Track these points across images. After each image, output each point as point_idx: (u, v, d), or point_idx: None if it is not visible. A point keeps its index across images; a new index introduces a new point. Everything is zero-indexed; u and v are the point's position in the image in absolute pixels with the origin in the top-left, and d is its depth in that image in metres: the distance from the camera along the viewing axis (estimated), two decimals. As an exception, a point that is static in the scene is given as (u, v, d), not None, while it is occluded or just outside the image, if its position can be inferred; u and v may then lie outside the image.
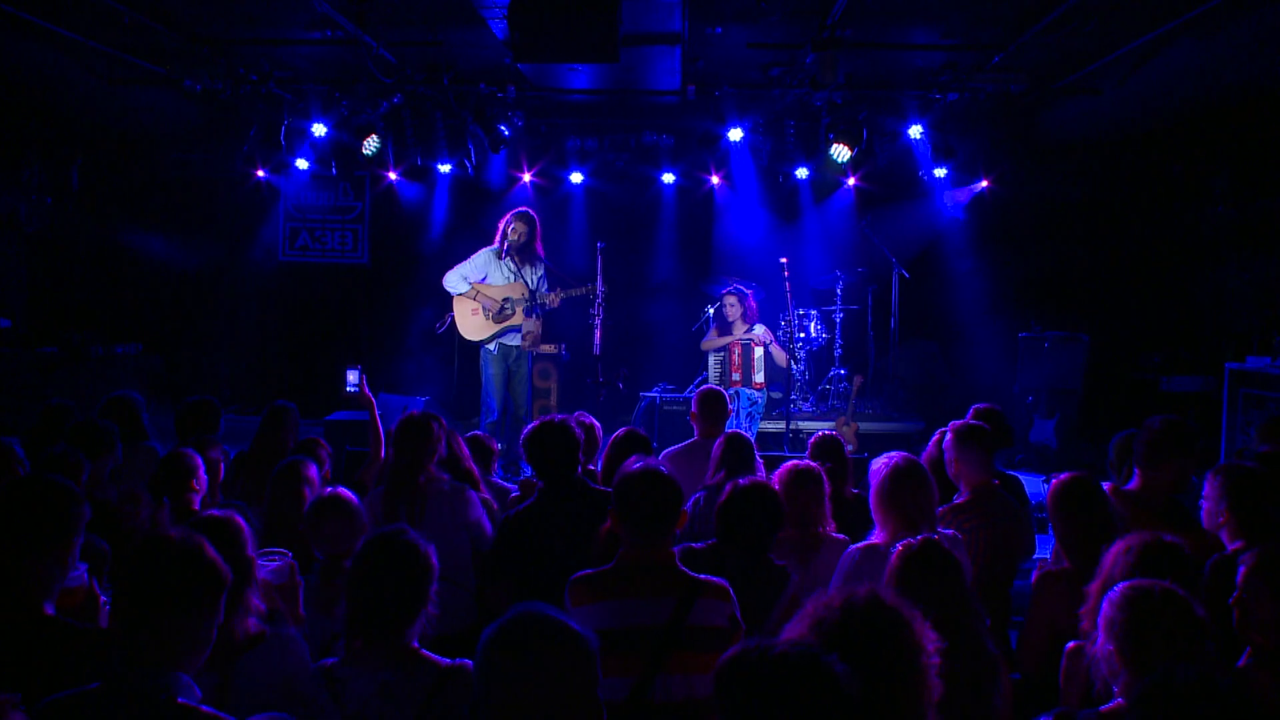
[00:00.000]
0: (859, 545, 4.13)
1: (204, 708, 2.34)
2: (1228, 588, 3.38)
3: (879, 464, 4.25)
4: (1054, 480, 4.12)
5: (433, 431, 4.78)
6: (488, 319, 9.18)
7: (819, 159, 10.70)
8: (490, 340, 9.24)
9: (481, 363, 9.38)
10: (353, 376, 5.79)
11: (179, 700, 2.31)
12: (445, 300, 9.58)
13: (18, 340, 10.56)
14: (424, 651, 2.85)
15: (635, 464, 3.50)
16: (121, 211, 12.31)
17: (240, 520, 3.09)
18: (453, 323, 9.40)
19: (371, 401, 5.73)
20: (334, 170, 11.67)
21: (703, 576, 3.32)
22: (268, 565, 3.27)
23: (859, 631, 2.34)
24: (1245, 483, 3.97)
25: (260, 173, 11.60)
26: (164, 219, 12.54)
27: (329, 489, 4.07)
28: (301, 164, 11.19)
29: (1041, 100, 10.15)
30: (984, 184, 11.31)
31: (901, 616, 2.44)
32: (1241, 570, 3.22)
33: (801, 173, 11.33)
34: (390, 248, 12.79)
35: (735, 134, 10.37)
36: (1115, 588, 2.82)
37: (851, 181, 11.62)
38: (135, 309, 12.52)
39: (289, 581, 3.33)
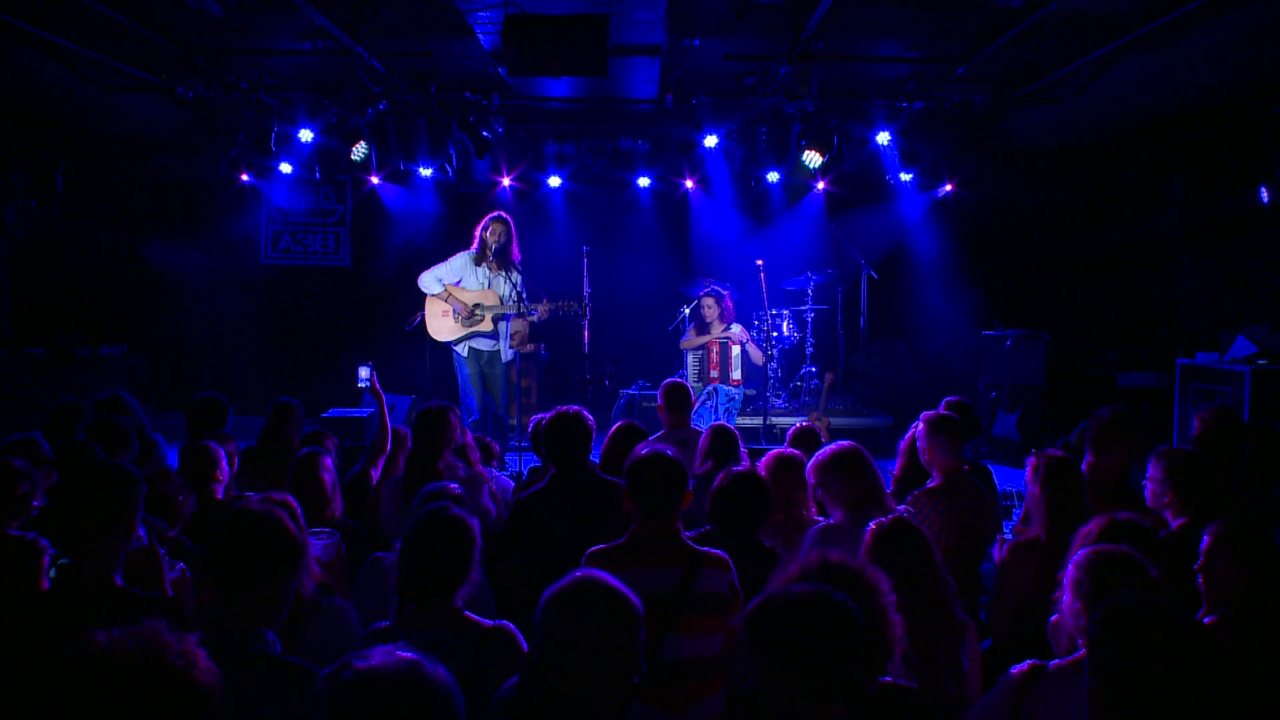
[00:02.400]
0: (818, 526, 4.51)
1: (290, 659, 2.68)
2: (1174, 559, 3.79)
3: (823, 453, 4.63)
4: (1045, 453, 4.48)
5: (450, 421, 5.11)
6: (457, 322, 9.28)
7: (790, 163, 11.13)
8: (458, 343, 9.41)
9: (455, 365, 9.51)
10: (364, 372, 6.09)
11: (270, 653, 2.66)
12: (423, 301, 9.78)
13: (4, 342, 10.74)
14: (468, 613, 3.19)
15: (644, 449, 3.84)
16: (106, 215, 12.49)
17: (294, 501, 3.42)
18: (423, 322, 9.55)
19: (381, 396, 6.03)
20: (317, 174, 11.92)
21: (705, 549, 3.68)
22: (316, 543, 3.58)
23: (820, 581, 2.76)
24: (1186, 465, 4.39)
25: (244, 176, 11.83)
26: (148, 222, 12.73)
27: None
28: (285, 168, 11.45)
29: (1004, 109, 10.60)
30: (948, 188, 11.75)
31: (850, 567, 2.87)
32: (1206, 541, 3.60)
33: (773, 177, 11.72)
34: (372, 250, 13.02)
35: (710, 140, 10.75)
36: (1079, 552, 3.21)
37: (821, 185, 12.04)
38: (120, 311, 12.69)
39: (336, 558, 3.64)
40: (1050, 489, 4.33)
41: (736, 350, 9.70)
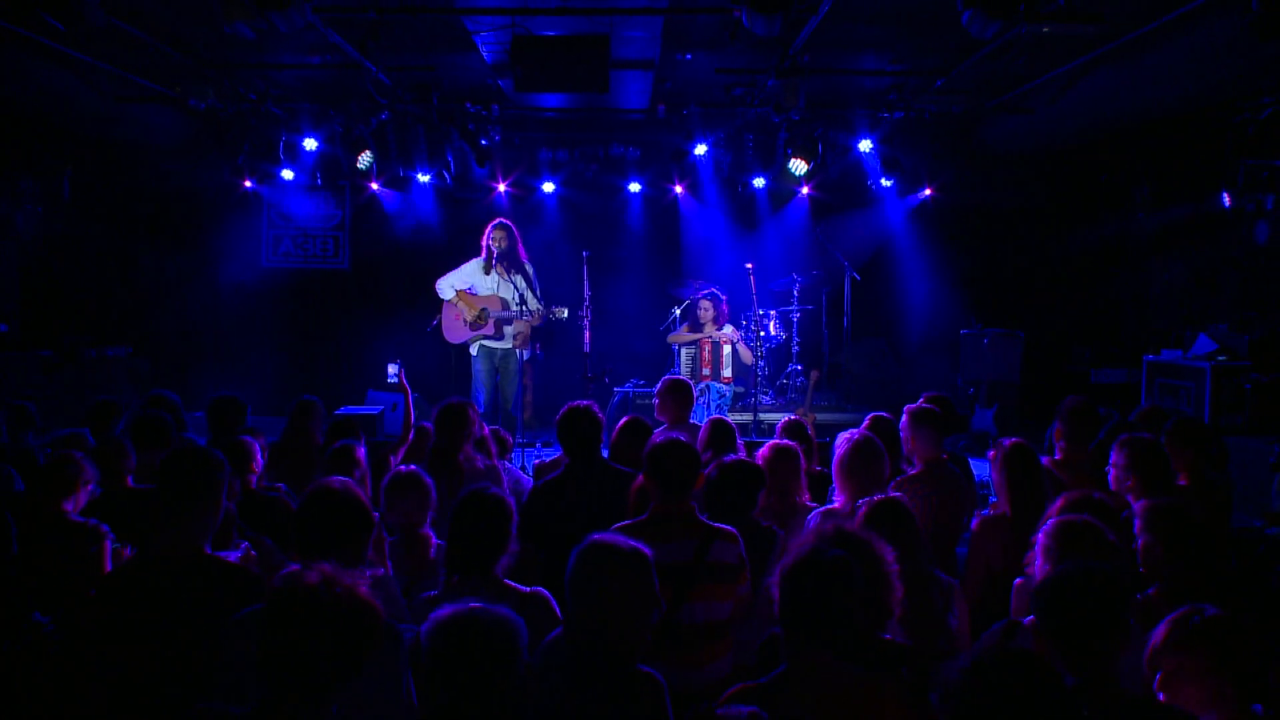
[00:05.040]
0: (821, 509, 4.97)
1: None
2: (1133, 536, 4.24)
3: (840, 439, 5.08)
4: (1003, 441, 4.96)
5: (469, 416, 5.53)
6: (465, 325, 9.81)
7: (776, 169, 11.59)
8: (470, 343, 9.90)
9: (471, 362, 10.06)
10: (392, 369, 6.53)
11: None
12: (424, 301, 10.17)
13: (14, 344, 11.05)
14: (508, 581, 3.63)
15: (660, 436, 4.29)
16: (112, 220, 12.80)
17: (354, 484, 3.84)
18: (440, 325, 10.03)
19: (408, 391, 6.44)
20: (319, 181, 12.31)
21: (716, 524, 4.13)
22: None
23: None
24: (1145, 451, 4.86)
25: (247, 183, 12.19)
26: (153, 227, 13.06)
27: (406, 466, 4.76)
28: (287, 174, 11.82)
29: (980, 118, 11.11)
30: (928, 192, 12.23)
31: (860, 537, 3.33)
32: (1136, 520, 4.03)
33: (759, 182, 12.15)
34: (370, 254, 13.43)
35: (700, 149, 11.21)
36: (1048, 522, 3.67)
37: (806, 190, 12.51)
38: (125, 313, 13.00)
39: (376, 536, 4.06)
40: (1008, 471, 4.80)
41: (728, 349, 10.17)
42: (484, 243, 9.78)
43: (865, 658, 3.13)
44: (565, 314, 9.44)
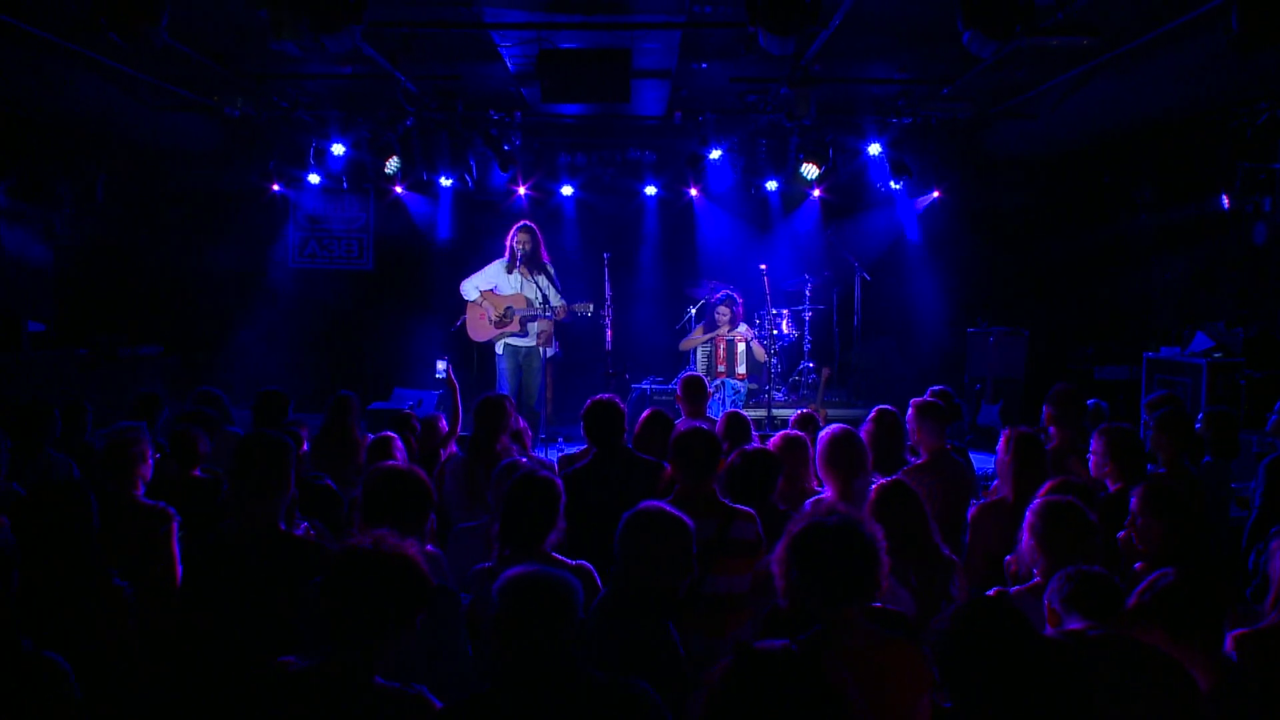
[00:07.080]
0: (812, 499, 5.32)
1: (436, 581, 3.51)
2: (1112, 517, 4.60)
3: (821, 435, 5.44)
4: (1013, 429, 5.31)
5: (506, 409, 5.92)
6: (490, 324, 10.21)
7: (788, 173, 11.96)
8: (496, 341, 10.31)
9: (496, 359, 10.47)
10: (441, 365, 6.94)
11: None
12: (445, 302, 10.59)
13: (51, 343, 11.46)
14: (555, 554, 4.00)
15: (684, 424, 4.67)
16: (143, 222, 13.19)
17: (418, 468, 4.24)
18: (464, 325, 10.43)
19: (456, 386, 6.83)
20: (344, 184, 12.72)
21: (736, 505, 4.51)
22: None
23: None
24: (1121, 439, 5.24)
25: (275, 186, 12.59)
26: (184, 229, 13.46)
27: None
28: (313, 178, 12.23)
29: (985, 123, 11.45)
30: (935, 195, 12.57)
31: (854, 518, 3.67)
32: (1134, 500, 4.38)
33: (772, 185, 12.54)
34: (394, 255, 13.84)
35: (715, 154, 11.59)
36: (1035, 502, 4.04)
37: (817, 193, 12.86)
38: (156, 313, 13.38)
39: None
40: (1017, 457, 5.16)
41: (742, 347, 10.57)
42: (508, 243, 10.18)
43: (878, 621, 3.49)
44: (591, 309, 9.83)
